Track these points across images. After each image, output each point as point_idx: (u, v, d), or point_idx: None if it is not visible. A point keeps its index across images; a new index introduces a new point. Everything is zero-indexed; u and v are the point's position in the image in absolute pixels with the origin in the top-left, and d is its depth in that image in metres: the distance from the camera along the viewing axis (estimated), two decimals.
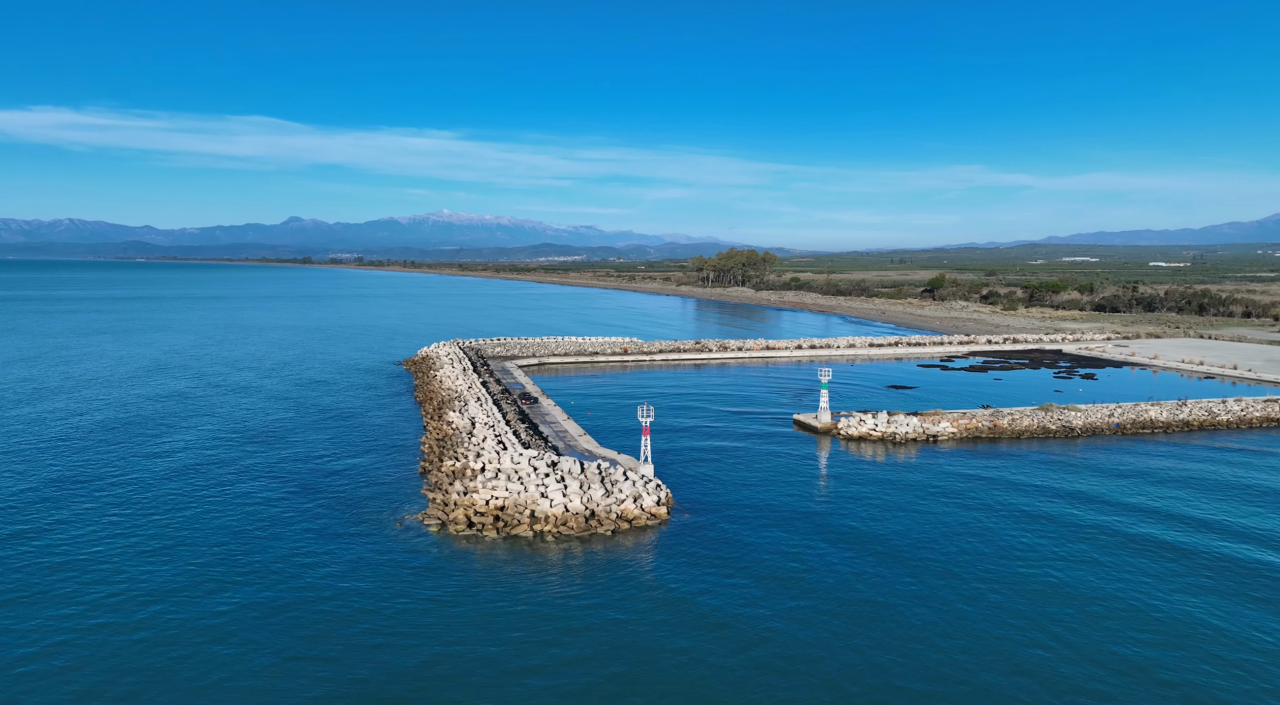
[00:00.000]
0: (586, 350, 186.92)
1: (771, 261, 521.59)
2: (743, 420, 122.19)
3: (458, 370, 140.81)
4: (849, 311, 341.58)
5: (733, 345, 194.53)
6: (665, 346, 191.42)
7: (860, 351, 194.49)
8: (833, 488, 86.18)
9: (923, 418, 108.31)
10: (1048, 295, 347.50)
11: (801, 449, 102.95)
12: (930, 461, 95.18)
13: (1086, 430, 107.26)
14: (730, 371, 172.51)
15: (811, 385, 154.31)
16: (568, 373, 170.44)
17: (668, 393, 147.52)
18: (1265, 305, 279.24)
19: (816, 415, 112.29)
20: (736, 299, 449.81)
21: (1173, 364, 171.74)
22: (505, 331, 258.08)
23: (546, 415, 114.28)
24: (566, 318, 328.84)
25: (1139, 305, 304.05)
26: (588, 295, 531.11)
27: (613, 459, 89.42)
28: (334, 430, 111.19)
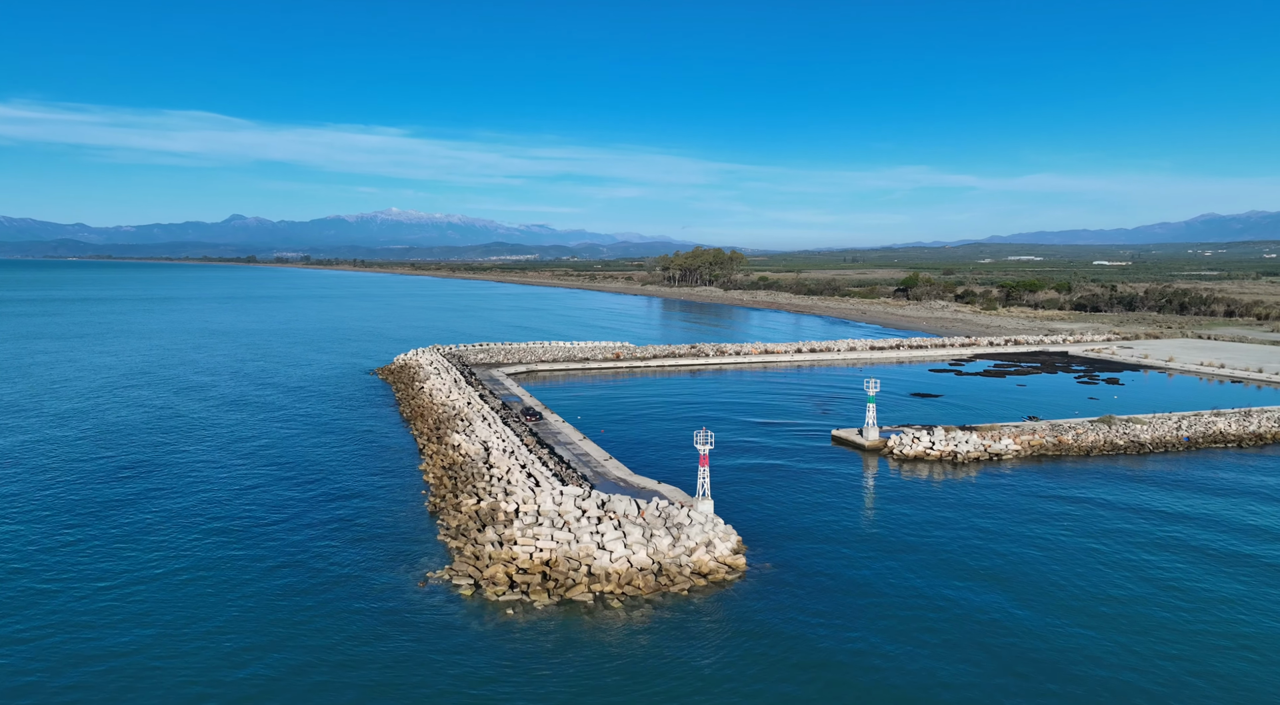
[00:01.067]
0: (577, 356, 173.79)
1: (738, 260, 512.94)
2: (772, 434, 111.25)
3: (448, 382, 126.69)
4: (828, 312, 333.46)
5: (730, 349, 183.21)
6: (660, 351, 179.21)
7: (862, 355, 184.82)
8: (912, 516, 74.95)
9: (982, 434, 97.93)
10: (1024, 294, 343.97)
11: (848, 469, 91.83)
12: (1006, 483, 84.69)
13: (1156, 444, 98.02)
14: (730, 377, 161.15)
15: (832, 392, 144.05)
16: (558, 380, 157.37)
17: (679, 402, 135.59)
18: (1247, 304, 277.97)
19: (861, 431, 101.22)
20: (706, 298, 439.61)
21: (1191, 367, 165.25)
22: (479, 335, 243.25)
23: (558, 434, 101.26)
24: (540, 319, 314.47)
25: (1119, 304, 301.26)
26: (552, 295, 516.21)
27: (654, 490, 76.96)
28: (313, 457, 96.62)
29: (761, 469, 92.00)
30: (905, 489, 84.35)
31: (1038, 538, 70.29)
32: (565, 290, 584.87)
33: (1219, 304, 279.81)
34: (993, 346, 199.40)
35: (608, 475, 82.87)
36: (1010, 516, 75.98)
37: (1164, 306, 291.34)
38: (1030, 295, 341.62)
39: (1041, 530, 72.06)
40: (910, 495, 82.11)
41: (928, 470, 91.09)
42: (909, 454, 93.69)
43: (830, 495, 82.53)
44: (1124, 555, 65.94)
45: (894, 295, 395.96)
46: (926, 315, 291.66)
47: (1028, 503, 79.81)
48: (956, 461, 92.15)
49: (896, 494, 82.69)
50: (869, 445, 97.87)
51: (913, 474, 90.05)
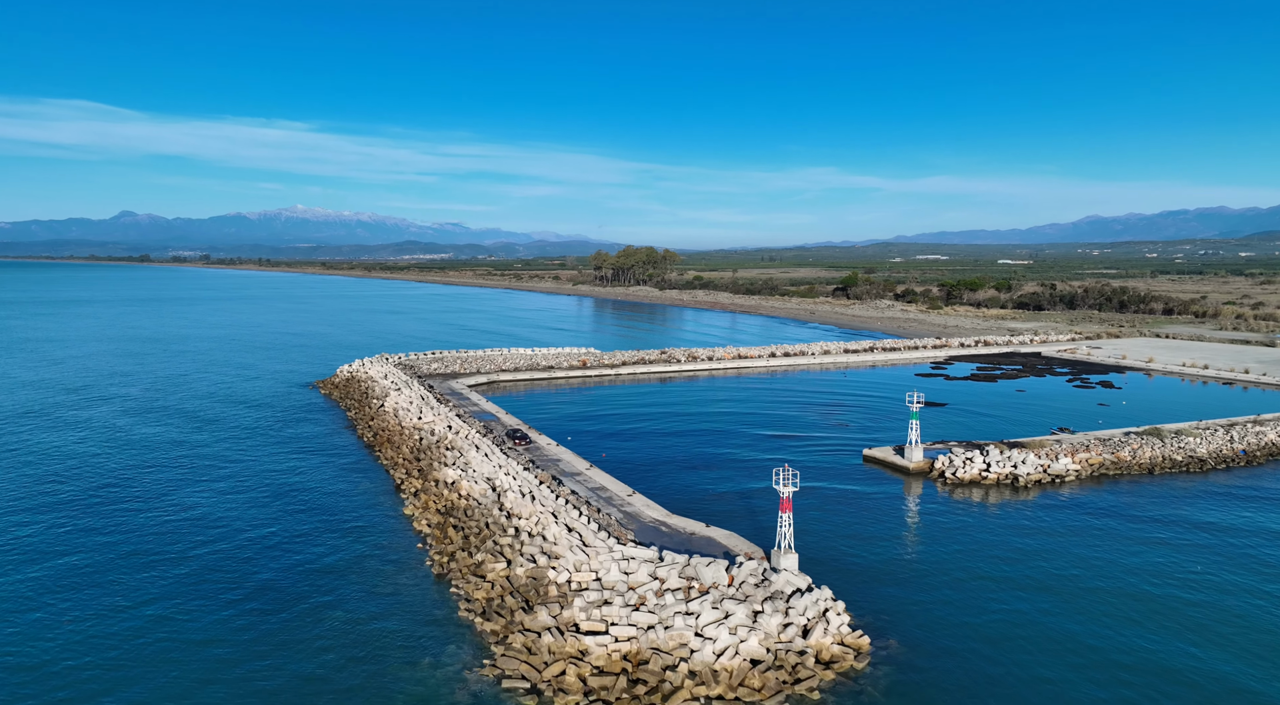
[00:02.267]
0: (540, 364, 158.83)
1: (672, 260, 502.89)
2: (789, 449, 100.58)
3: (413, 398, 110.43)
4: (776, 312, 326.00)
5: (702, 354, 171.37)
6: (629, 358, 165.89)
7: (837, 358, 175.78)
8: (1006, 547, 63.86)
9: (1037, 452, 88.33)
10: (964, 292, 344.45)
11: (893, 493, 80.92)
12: (1082, 506, 74.78)
13: (1214, 458, 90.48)
14: (705, 384, 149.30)
15: (831, 399, 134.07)
16: (521, 391, 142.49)
17: (670, 413, 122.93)
18: (1185, 302, 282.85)
19: (902, 451, 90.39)
20: (643, 298, 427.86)
21: (1173, 368, 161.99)
22: (422, 339, 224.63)
23: (557, 460, 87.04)
24: (481, 321, 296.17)
25: (1061, 303, 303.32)
26: (481, 296, 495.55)
27: (705, 537, 63.93)
28: (267, 505, 79.85)
29: (802, 495, 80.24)
30: (972, 516, 73.64)
31: (1170, 568, 60.63)
32: (493, 290, 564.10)
33: (1157, 302, 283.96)
34: (964, 348, 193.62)
35: (640, 517, 69.35)
36: (1119, 544, 66.56)
37: (1103, 304, 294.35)
38: (971, 294, 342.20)
39: (1170, 559, 62.46)
40: (985, 523, 71.37)
41: (981, 495, 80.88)
42: (963, 478, 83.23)
43: (892, 525, 71.23)
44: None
45: (833, 294, 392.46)
46: (877, 315, 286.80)
47: (1127, 528, 70.48)
48: (1017, 485, 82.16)
49: (968, 522, 71.84)
50: (913, 468, 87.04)
51: (967, 498, 79.66)
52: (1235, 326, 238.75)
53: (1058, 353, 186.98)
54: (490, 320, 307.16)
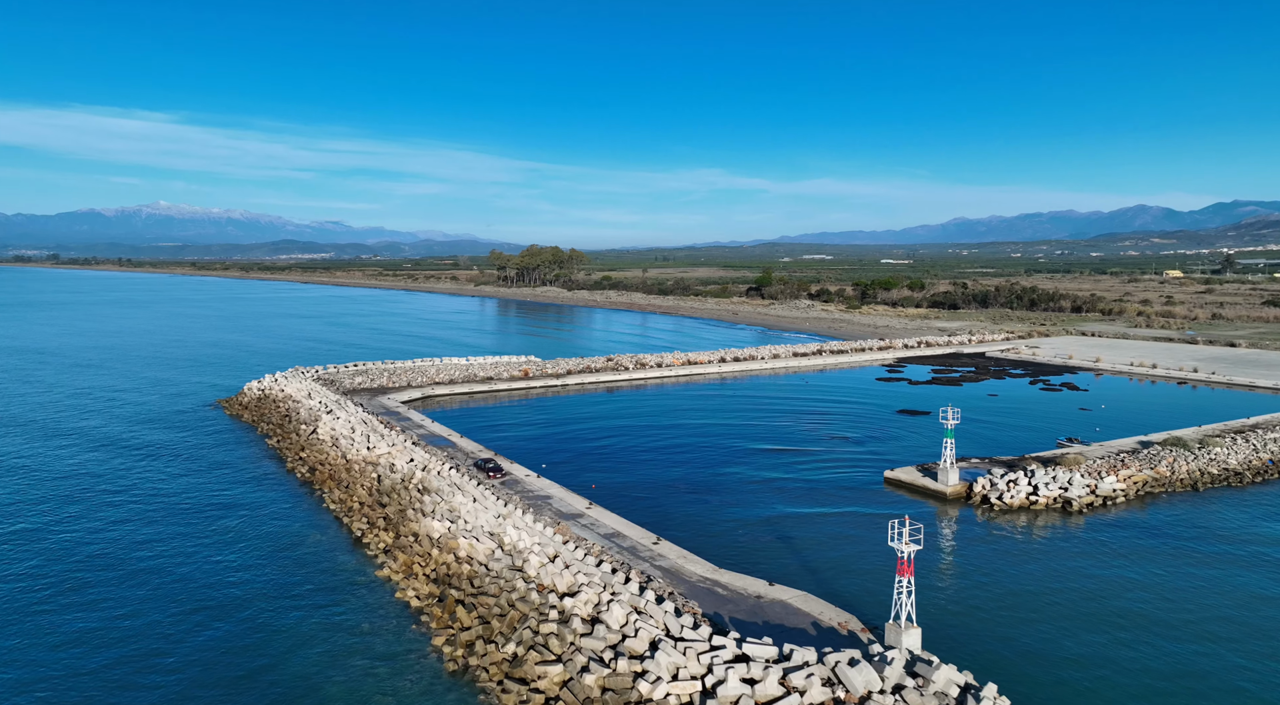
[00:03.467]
0: (478, 375, 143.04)
1: (579, 259, 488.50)
2: (796, 467, 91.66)
3: (353, 423, 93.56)
4: (697, 313, 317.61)
5: (650, 361, 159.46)
6: (574, 366, 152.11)
7: (789, 363, 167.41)
8: (1150, 593, 54.65)
9: (1075, 469, 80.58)
10: (879, 292, 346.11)
11: (933, 521, 71.27)
12: (1162, 531, 66.86)
13: (1247, 470, 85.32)
14: (658, 393, 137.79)
15: (809, 407, 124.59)
16: (460, 406, 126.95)
17: (641, 427, 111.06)
18: (1091, 300, 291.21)
19: (933, 473, 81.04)
20: (552, 299, 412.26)
21: (1121, 368, 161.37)
22: (333, 349, 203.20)
23: (547, 497, 73.22)
24: (394, 324, 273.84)
25: (974, 301, 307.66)
26: (377, 298, 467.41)
27: (775, 600, 52.05)
28: (186, 570, 62.85)
29: (824, 524, 69.50)
30: (1042, 549, 64.48)
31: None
32: (388, 292, 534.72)
33: (1065, 300, 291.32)
34: (909, 349, 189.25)
35: (682, 573, 56.73)
36: (1232, 571, 58.14)
37: (1014, 303, 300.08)
38: (885, 293, 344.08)
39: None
40: (1065, 558, 62.04)
41: (1028, 521, 72.27)
42: (1011, 503, 74.38)
43: (965, 568, 61.05)
44: None
45: (748, 294, 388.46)
46: (801, 315, 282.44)
47: (1219, 549, 62.65)
48: (1069, 509, 73.98)
49: (1051, 561, 62.39)
50: (950, 493, 77.72)
51: (1014, 525, 70.82)
52: (1147, 324, 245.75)
53: (1001, 353, 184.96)
54: (404, 323, 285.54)
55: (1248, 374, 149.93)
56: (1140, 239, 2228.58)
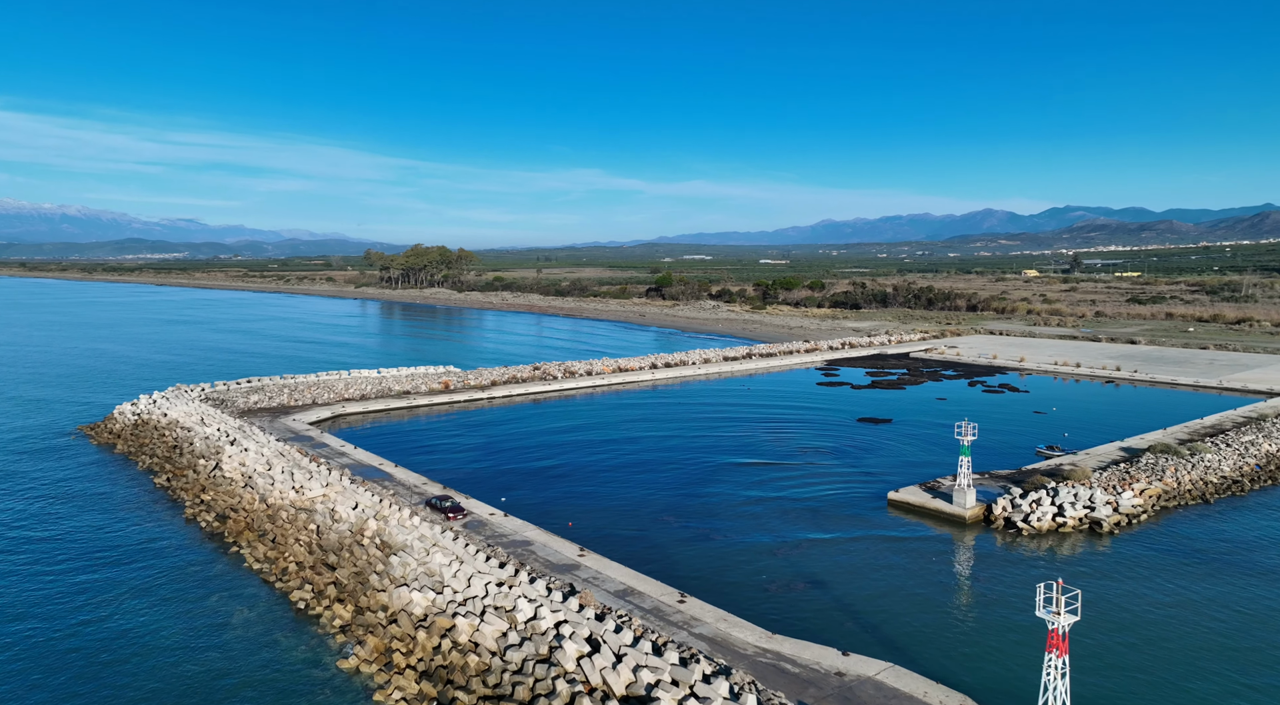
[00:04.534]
0: (392, 389, 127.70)
1: (469, 259, 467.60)
2: (780, 486, 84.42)
3: (267, 455, 77.93)
4: (603, 315, 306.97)
5: (579, 369, 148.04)
6: (499, 377, 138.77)
7: (721, 367, 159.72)
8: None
9: (1086, 484, 75.26)
10: (780, 292, 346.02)
11: (956, 550, 64.06)
12: (1205, 551, 61.83)
13: (1240, 476, 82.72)
14: (584, 403, 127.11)
15: (762, 412, 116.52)
16: (376, 425, 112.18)
17: (593, 442, 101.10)
18: (985, 299, 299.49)
19: (944, 492, 73.94)
20: (442, 301, 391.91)
21: (1046, 367, 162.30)
22: (213, 360, 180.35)
23: (527, 542, 61.37)
24: (282, 328, 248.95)
25: (874, 301, 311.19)
26: (248, 301, 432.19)
27: (871, 681, 42.65)
28: (83, 662, 47.71)
29: (845, 556, 60.96)
30: (1130, 576, 57.99)
31: None
32: (259, 294, 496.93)
33: (960, 299, 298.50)
34: (834, 351, 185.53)
35: (729, 643, 46.53)
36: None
37: (912, 302, 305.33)
38: (786, 293, 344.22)
39: None
40: (1187, 593, 55.69)
41: (1051, 545, 66.19)
42: (1040, 526, 68.01)
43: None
44: None
45: (648, 295, 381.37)
46: (710, 316, 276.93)
47: None
48: (1098, 530, 68.30)
49: (1153, 587, 55.79)
50: (969, 517, 70.76)
51: (1060, 551, 64.51)
52: (1042, 322, 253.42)
53: (925, 354, 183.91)
54: (289, 328, 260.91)
55: (1167, 372, 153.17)
56: (990, 240, 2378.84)
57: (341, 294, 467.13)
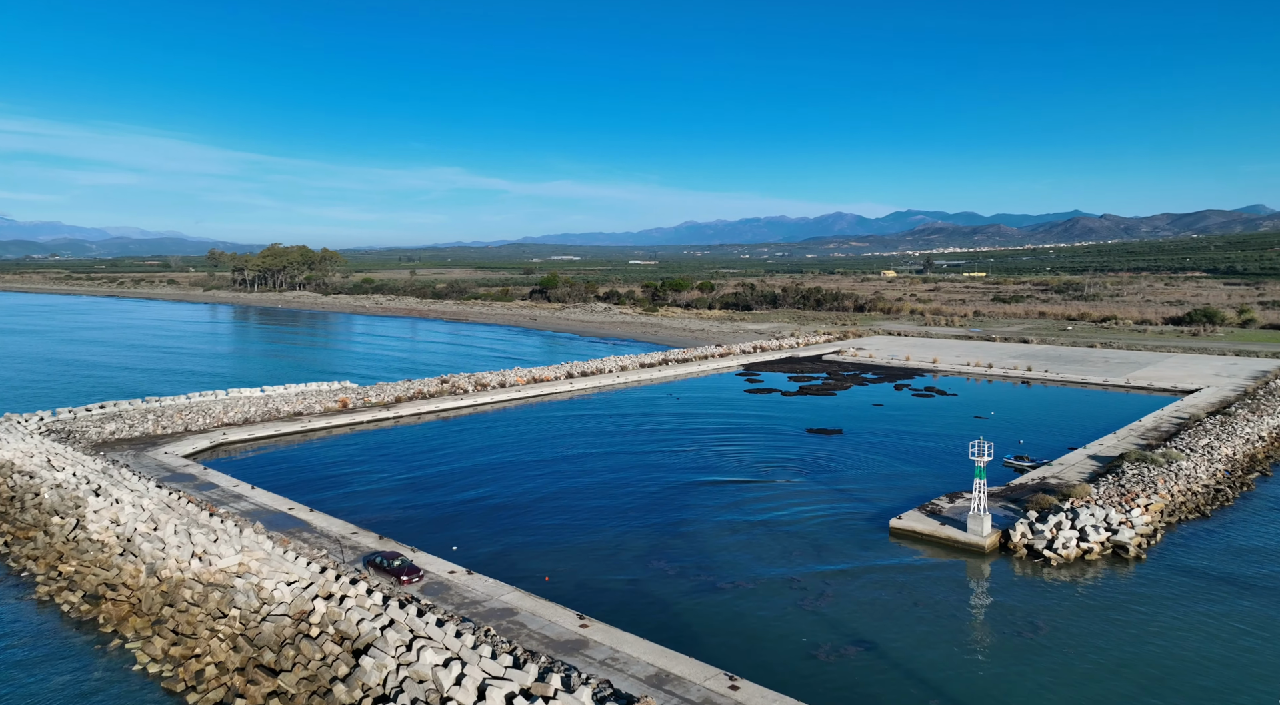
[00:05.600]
0: (281, 410, 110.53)
1: (334, 260, 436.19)
2: (763, 508, 77.17)
3: (149, 505, 61.47)
4: (488, 318, 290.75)
5: (491, 381, 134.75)
6: (403, 392, 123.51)
7: (640, 375, 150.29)
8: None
9: (1090, 502, 70.47)
10: (669, 293, 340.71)
11: (975, 584, 57.38)
12: (1244, 577, 57.53)
13: (1231, 487, 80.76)
14: (496, 418, 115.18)
15: (702, 422, 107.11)
16: (265, 453, 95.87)
17: (529, 463, 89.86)
18: (871, 299, 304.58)
19: (966, 520, 67.15)
20: (308, 306, 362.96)
21: (960, 368, 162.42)
22: (42, 380, 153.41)
23: (511, 610, 49.68)
24: (123, 336, 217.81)
25: (765, 302, 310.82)
26: (76, 307, 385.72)
27: None
28: None
29: (874, 601, 52.80)
30: (1148, 620, 52.33)
31: None
32: (91, 299, 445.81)
33: (848, 300, 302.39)
34: (746, 355, 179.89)
35: None
36: None
37: (802, 303, 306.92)
38: (676, 294, 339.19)
39: None
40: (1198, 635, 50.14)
41: (1075, 575, 60.73)
42: (1067, 555, 62.20)
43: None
44: None
45: (532, 297, 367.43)
46: (605, 319, 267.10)
47: None
48: (1123, 556, 63.24)
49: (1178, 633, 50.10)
50: (988, 546, 64.23)
51: (1101, 583, 58.83)
52: (929, 321, 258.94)
53: (837, 356, 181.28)
54: (141, 336, 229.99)
55: (1074, 371, 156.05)
56: (842, 242, 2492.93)
57: (189, 298, 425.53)
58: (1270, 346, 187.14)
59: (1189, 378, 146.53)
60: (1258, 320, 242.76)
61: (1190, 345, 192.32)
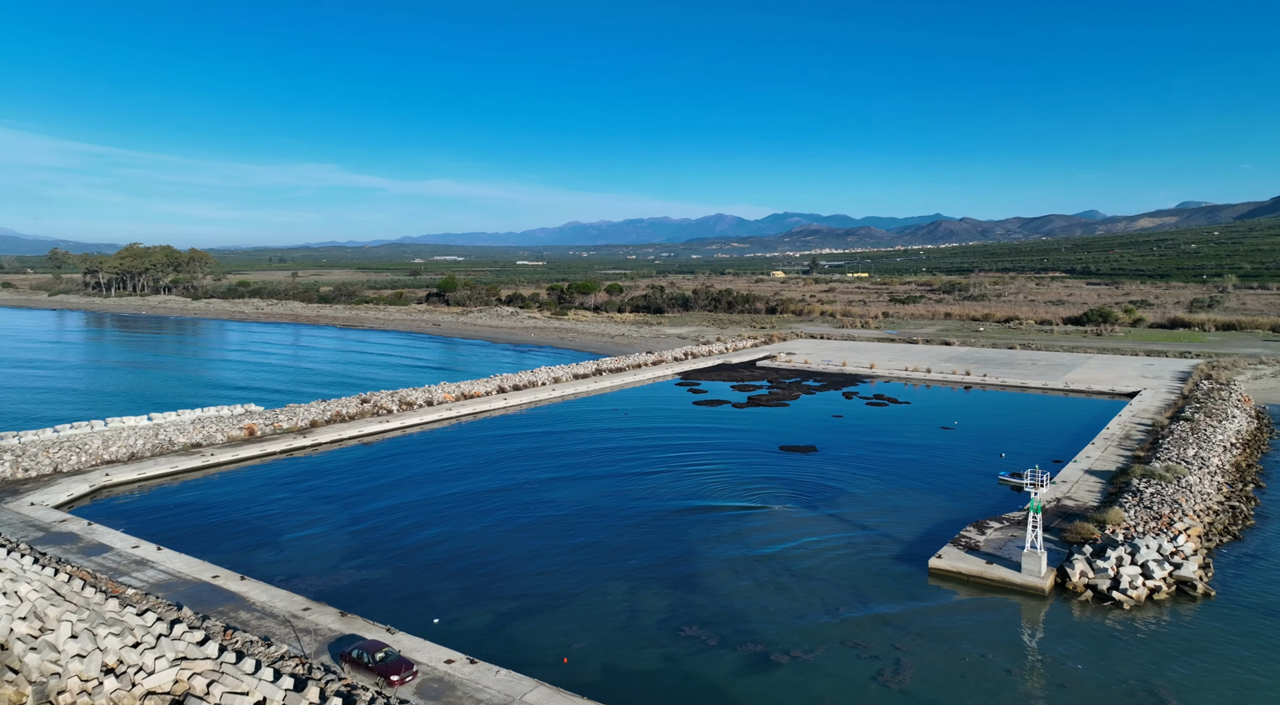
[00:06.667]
0: (176, 442, 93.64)
1: (204, 261, 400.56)
2: (765, 540, 66.85)
3: (32, 592, 46.26)
4: (388, 325, 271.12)
5: (416, 398, 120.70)
6: (318, 415, 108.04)
7: (576, 387, 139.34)
8: None
9: (1158, 533, 65.05)
10: (577, 296, 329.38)
11: (1038, 633, 50.60)
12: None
13: (1236, 498, 77.61)
14: (432, 440, 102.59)
15: (661, 441, 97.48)
16: (153, 494, 80.00)
17: (492, 491, 78.10)
18: (781, 301, 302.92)
19: (1012, 554, 60.03)
20: (179, 312, 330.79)
21: (898, 374, 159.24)
22: None
23: None
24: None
25: (676, 305, 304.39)
26: None
27: None
28: None
29: (930, 656, 44.84)
30: None
31: None
32: None
33: (759, 302, 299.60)
34: (679, 362, 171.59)
35: None
36: None
37: (714, 305, 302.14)
38: (584, 297, 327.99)
39: None
40: None
41: (1164, 617, 54.90)
42: (1139, 596, 56.00)
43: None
44: None
45: (429, 301, 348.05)
46: (516, 324, 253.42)
47: None
48: (1189, 593, 57.67)
49: None
50: (1049, 586, 57.40)
51: (1165, 626, 52.87)
52: (846, 324, 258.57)
53: (771, 363, 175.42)
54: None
55: (1010, 374, 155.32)
56: (724, 243, 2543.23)
57: (32, 303, 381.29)
58: (1172, 346, 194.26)
59: (1119, 380, 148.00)
60: (1146, 320, 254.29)
61: (1102, 346, 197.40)
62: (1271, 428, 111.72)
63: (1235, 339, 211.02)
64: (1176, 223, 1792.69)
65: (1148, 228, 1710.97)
